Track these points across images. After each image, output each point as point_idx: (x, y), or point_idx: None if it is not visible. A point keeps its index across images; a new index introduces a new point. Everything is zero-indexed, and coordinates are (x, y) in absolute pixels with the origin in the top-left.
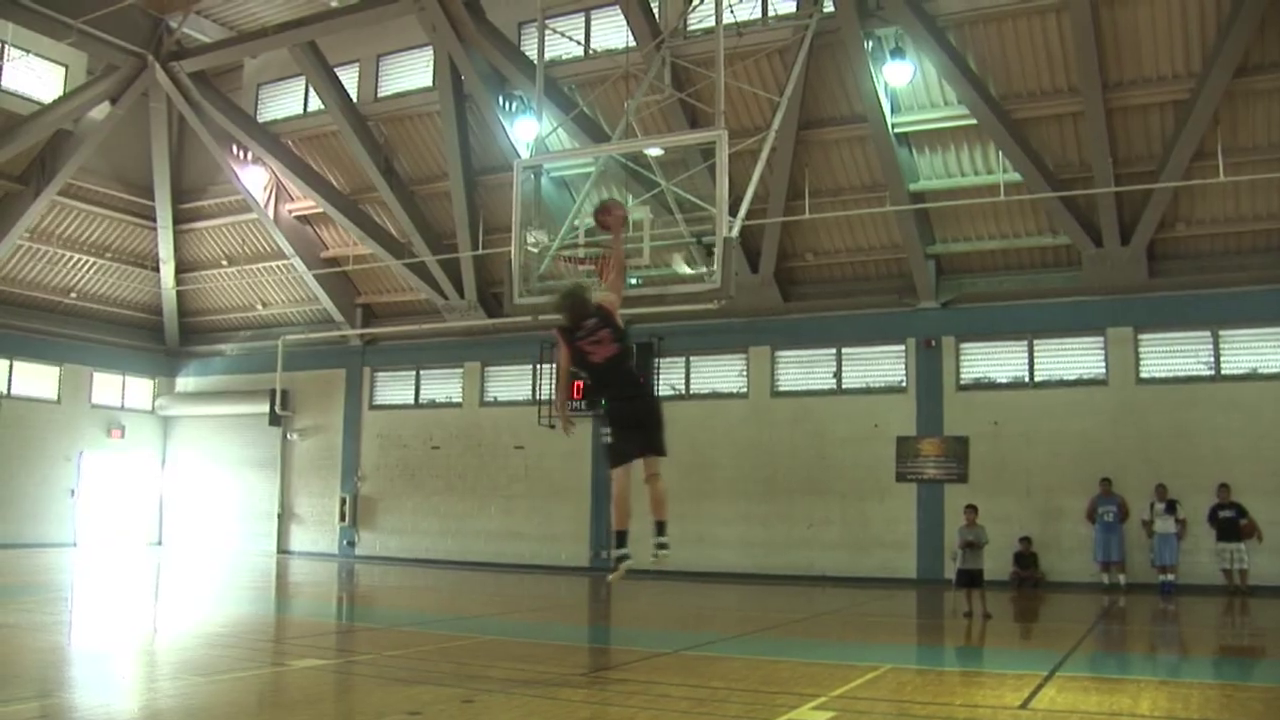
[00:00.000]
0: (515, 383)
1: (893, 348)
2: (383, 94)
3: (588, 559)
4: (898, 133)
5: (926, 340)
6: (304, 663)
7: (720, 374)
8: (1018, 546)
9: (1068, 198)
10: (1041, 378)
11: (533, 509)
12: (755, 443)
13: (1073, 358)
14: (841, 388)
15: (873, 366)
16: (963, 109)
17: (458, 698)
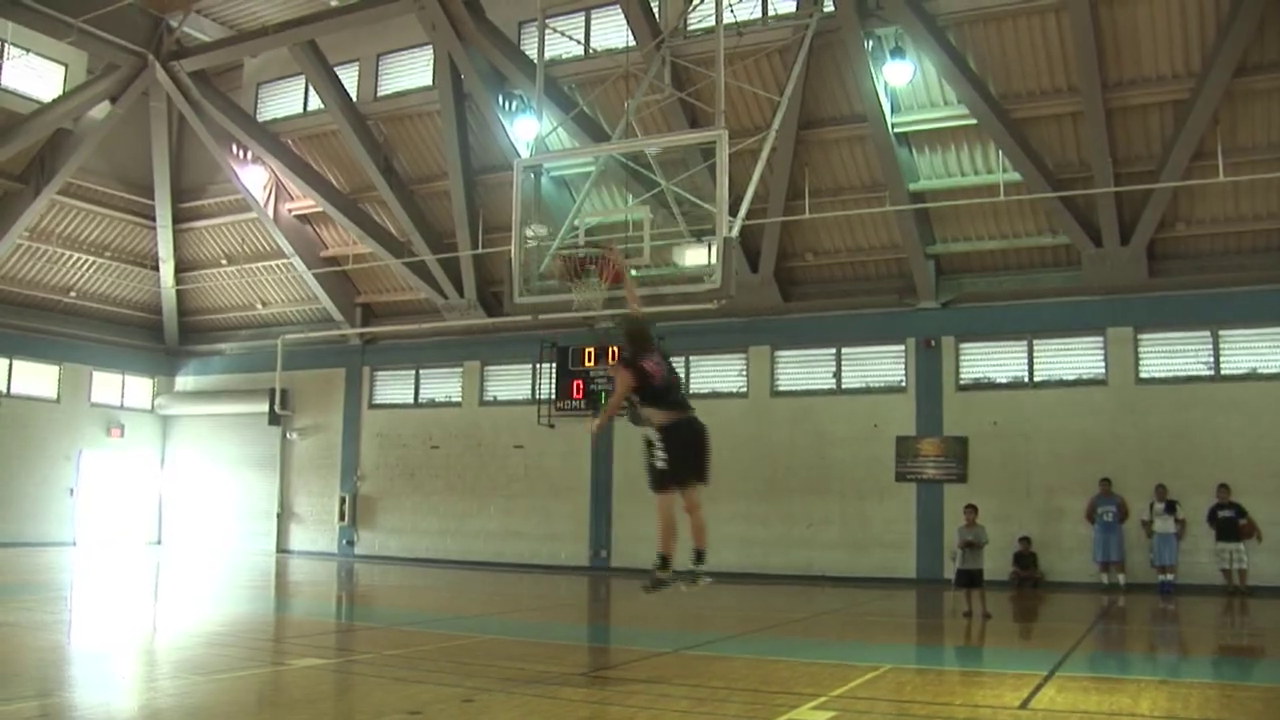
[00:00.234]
0: (515, 382)
1: (892, 348)
2: (382, 93)
3: (587, 558)
4: (897, 132)
5: (926, 340)
6: (304, 662)
7: (720, 373)
8: (1017, 546)
9: (1067, 198)
10: (1041, 378)
11: (532, 508)
12: (755, 442)
13: (1072, 358)
14: (841, 387)
15: (872, 366)
16: (962, 109)
17: (458, 697)
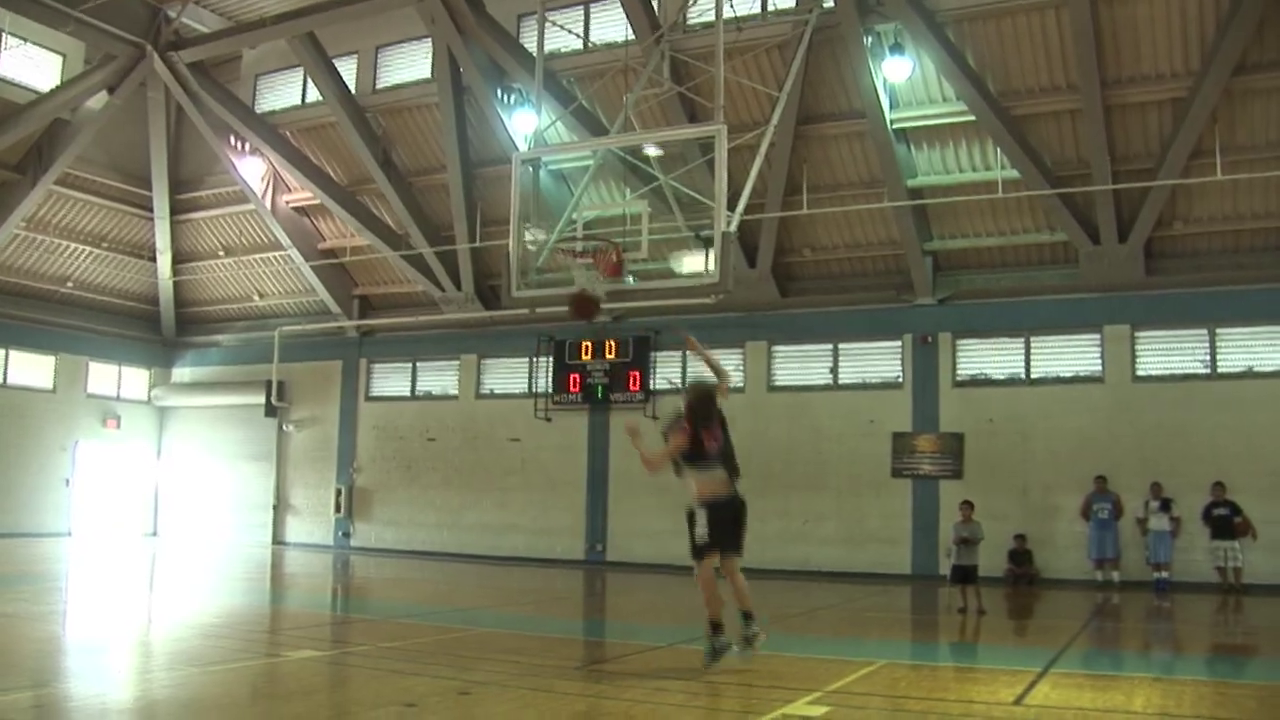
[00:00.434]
0: (512, 375)
1: (889, 343)
2: (381, 85)
3: (583, 552)
4: (896, 128)
5: (923, 336)
6: (300, 654)
7: None
8: (1012, 543)
9: (1065, 195)
10: (1038, 375)
11: (529, 502)
12: (751, 438)
13: (1069, 355)
14: (838, 383)
15: (869, 362)
16: (961, 105)
17: (454, 689)
